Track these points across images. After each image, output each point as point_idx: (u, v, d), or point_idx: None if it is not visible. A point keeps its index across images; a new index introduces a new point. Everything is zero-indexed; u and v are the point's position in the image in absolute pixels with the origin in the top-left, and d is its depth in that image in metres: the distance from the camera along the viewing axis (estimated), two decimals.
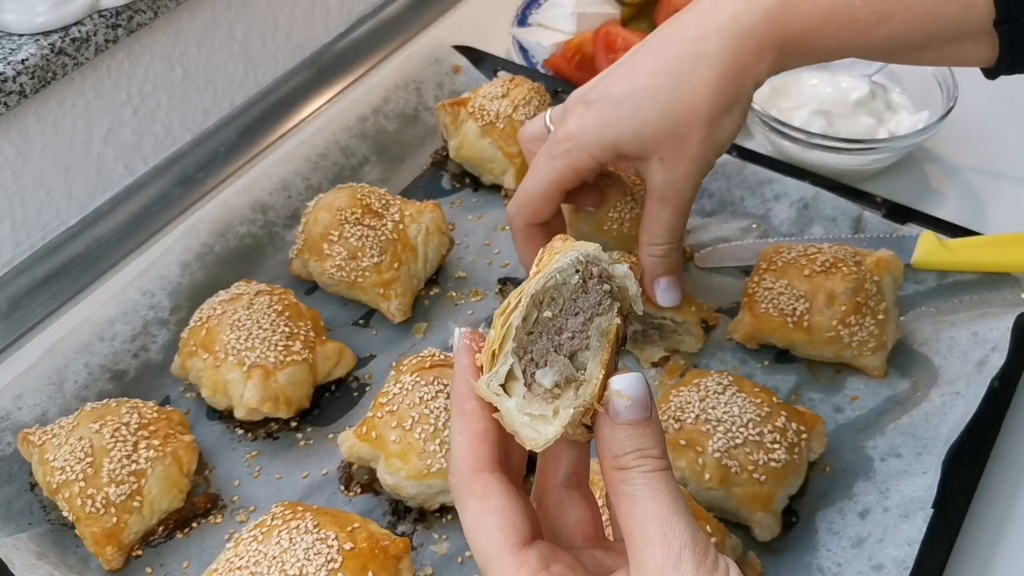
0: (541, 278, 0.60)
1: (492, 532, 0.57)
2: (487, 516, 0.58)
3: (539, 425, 0.57)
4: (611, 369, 0.59)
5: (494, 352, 0.59)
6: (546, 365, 0.59)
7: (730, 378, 0.97)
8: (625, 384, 0.57)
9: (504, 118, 1.24)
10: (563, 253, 0.61)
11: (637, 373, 0.58)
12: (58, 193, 1.25)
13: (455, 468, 0.59)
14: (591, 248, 0.61)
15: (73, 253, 1.22)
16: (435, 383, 0.95)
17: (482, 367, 0.60)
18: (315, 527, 0.84)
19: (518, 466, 0.63)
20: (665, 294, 0.97)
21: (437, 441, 0.92)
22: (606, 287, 0.60)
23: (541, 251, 0.63)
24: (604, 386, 0.58)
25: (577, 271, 0.60)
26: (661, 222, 0.93)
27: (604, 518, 0.67)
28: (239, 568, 0.82)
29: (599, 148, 0.91)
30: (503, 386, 0.59)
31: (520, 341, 0.59)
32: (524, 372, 0.59)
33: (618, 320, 0.60)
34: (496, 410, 0.59)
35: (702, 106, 0.86)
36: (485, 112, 1.24)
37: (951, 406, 1.00)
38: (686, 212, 0.93)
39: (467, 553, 0.93)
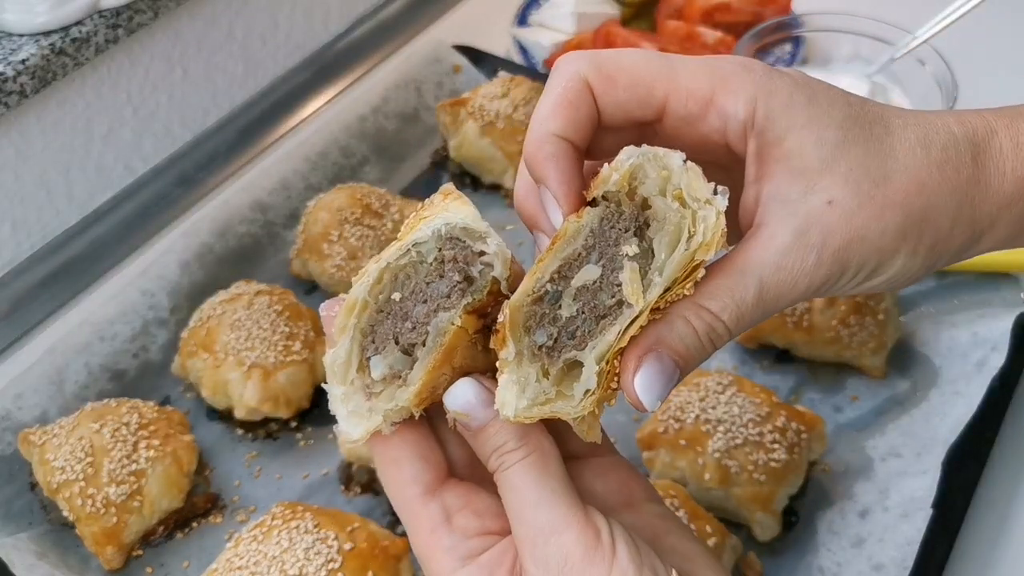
0: (396, 251, 0.54)
1: (394, 487, 0.57)
2: (387, 469, 0.57)
3: (356, 420, 0.55)
4: (457, 361, 0.54)
5: (343, 325, 0.54)
6: (381, 353, 0.55)
7: (730, 378, 0.97)
8: (451, 400, 0.55)
9: (504, 118, 1.24)
10: (428, 220, 0.53)
11: (462, 382, 0.54)
12: (58, 193, 1.24)
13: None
14: (460, 216, 0.53)
15: (73, 253, 1.22)
16: None
17: None
18: (315, 527, 0.84)
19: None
20: (645, 386, 0.54)
21: None
22: (457, 278, 0.53)
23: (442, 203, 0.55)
24: (445, 386, 0.54)
25: (439, 248, 0.53)
26: (747, 286, 0.56)
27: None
28: (239, 568, 0.82)
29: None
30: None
31: (368, 318, 0.55)
32: (362, 353, 0.55)
33: (458, 322, 0.53)
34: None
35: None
36: (485, 112, 1.24)
37: (951, 406, 1.00)
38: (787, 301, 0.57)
39: None
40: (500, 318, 0.53)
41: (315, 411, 1.05)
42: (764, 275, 0.54)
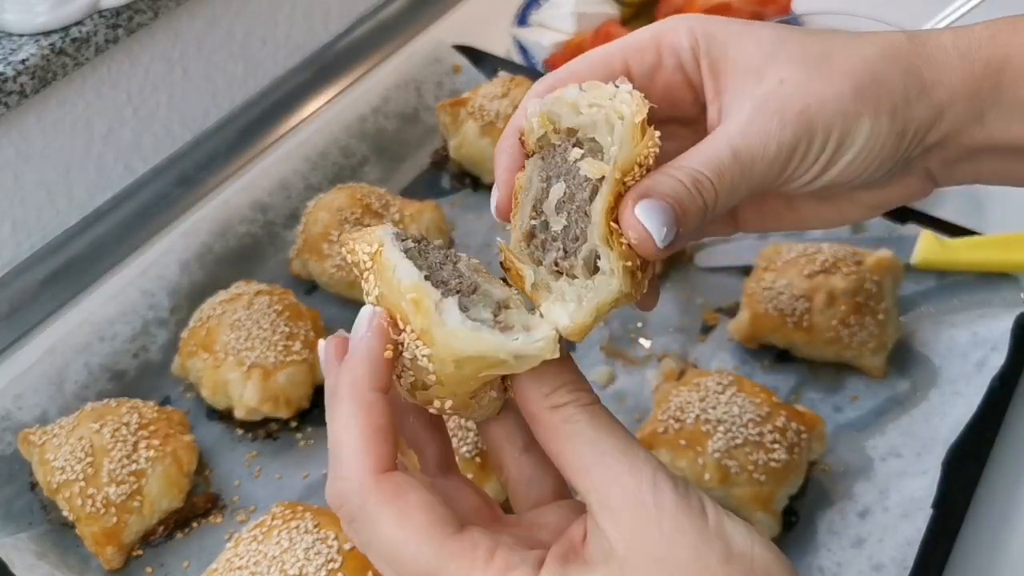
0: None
1: (426, 530, 0.49)
2: (413, 516, 0.49)
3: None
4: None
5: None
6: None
7: (730, 378, 0.97)
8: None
9: (504, 118, 1.24)
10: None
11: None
12: (58, 193, 1.24)
13: (346, 473, 0.51)
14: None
15: (73, 253, 1.22)
16: None
17: (393, 357, 0.53)
18: (315, 527, 0.84)
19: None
20: (646, 214, 0.54)
21: None
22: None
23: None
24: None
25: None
26: (719, 149, 0.58)
27: None
28: (239, 568, 0.82)
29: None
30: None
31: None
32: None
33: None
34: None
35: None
36: (485, 112, 1.24)
37: (951, 406, 1.00)
38: (770, 165, 0.59)
39: None
40: (501, 259, 0.56)
41: (315, 411, 1.05)
42: (734, 141, 0.57)
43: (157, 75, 1.31)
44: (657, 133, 0.54)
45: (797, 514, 0.95)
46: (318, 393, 1.05)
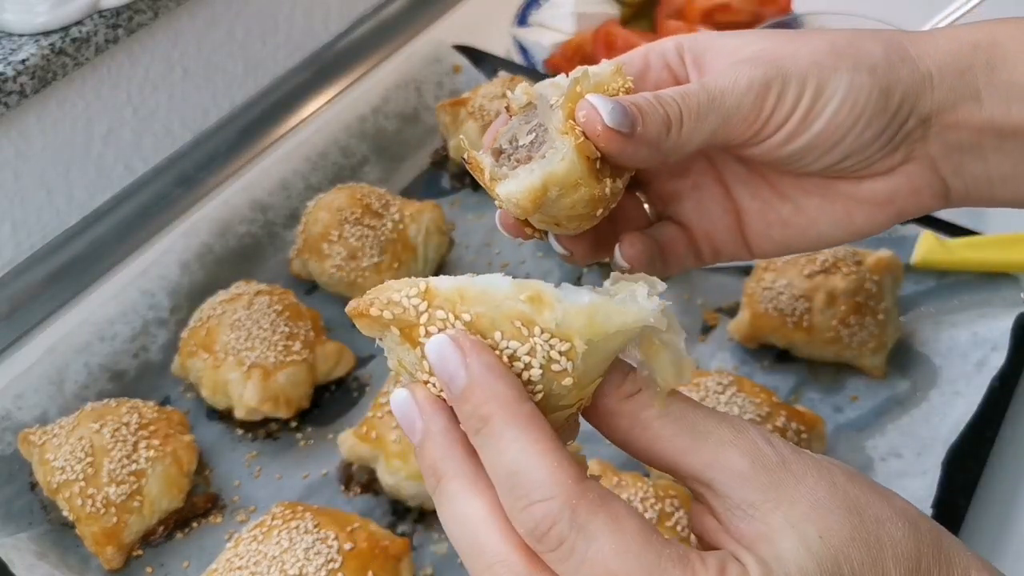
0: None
1: (644, 539, 0.44)
2: (625, 522, 0.45)
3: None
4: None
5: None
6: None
7: (730, 378, 0.97)
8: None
9: None
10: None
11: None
12: (58, 193, 1.24)
13: (545, 493, 0.44)
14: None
15: (73, 253, 1.22)
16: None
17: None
18: (315, 527, 0.84)
19: None
20: (602, 100, 0.56)
21: None
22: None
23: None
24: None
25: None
26: (684, 86, 0.60)
27: None
28: (239, 568, 0.82)
29: None
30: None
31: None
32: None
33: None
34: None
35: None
36: (485, 112, 1.24)
37: (951, 406, 1.00)
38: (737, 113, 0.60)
39: None
40: (463, 155, 0.59)
41: (315, 411, 1.05)
42: (704, 81, 0.59)
43: (157, 75, 1.31)
44: (631, 78, 0.58)
45: None
46: (318, 393, 1.05)
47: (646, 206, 0.70)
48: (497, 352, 0.47)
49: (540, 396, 0.48)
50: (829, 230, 0.66)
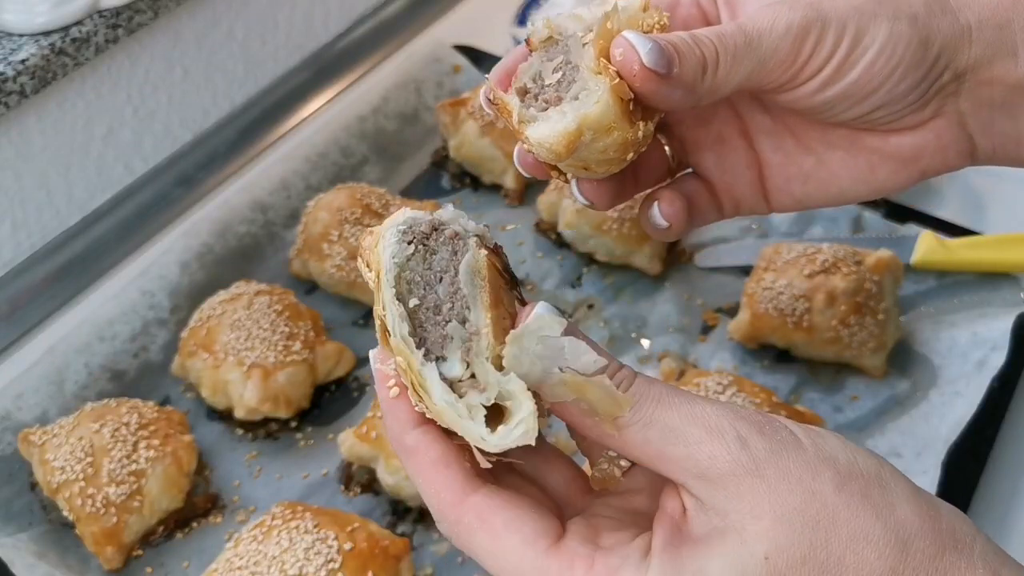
0: (385, 278, 0.50)
1: (520, 550, 0.47)
2: (503, 537, 0.47)
3: (508, 425, 0.48)
4: (506, 306, 0.50)
5: (413, 382, 0.48)
6: (446, 355, 0.49)
7: (730, 378, 0.97)
8: (539, 315, 0.48)
9: None
10: (382, 237, 0.51)
11: (539, 303, 0.49)
12: (58, 193, 1.24)
13: (437, 514, 0.49)
14: (403, 215, 0.51)
15: (73, 253, 1.22)
16: None
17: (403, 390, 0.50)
18: (315, 527, 0.84)
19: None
20: (639, 38, 0.54)
21: None
22: (448, 232, 0.51)
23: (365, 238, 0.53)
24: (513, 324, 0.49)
25: (409, 242, 0.50)
26: (720, 26, 0.58)
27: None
28: (239, 568, 0.82)
29: None
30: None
31: (416, 347, 0.50)
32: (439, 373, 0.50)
33: (484, 251, 0.51)
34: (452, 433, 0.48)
35: None
36: (485, 112, 1.23)
37: (951, 406, 1.00)
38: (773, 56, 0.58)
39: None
40: (488, 93, 0.57)
41: (315, 411, 1.05)
42: (741, 22, 0.56)
43: (157, 75, 1.31)
44: (666, 14, 0.55)
45: None
46: (318, 393, 1.05)
47: (667, 150, 0.68)
48: None
49: None
50: (850, 185, 0.65)
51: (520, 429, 0.46)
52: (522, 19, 1.52)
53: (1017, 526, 0.95)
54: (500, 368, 0.48)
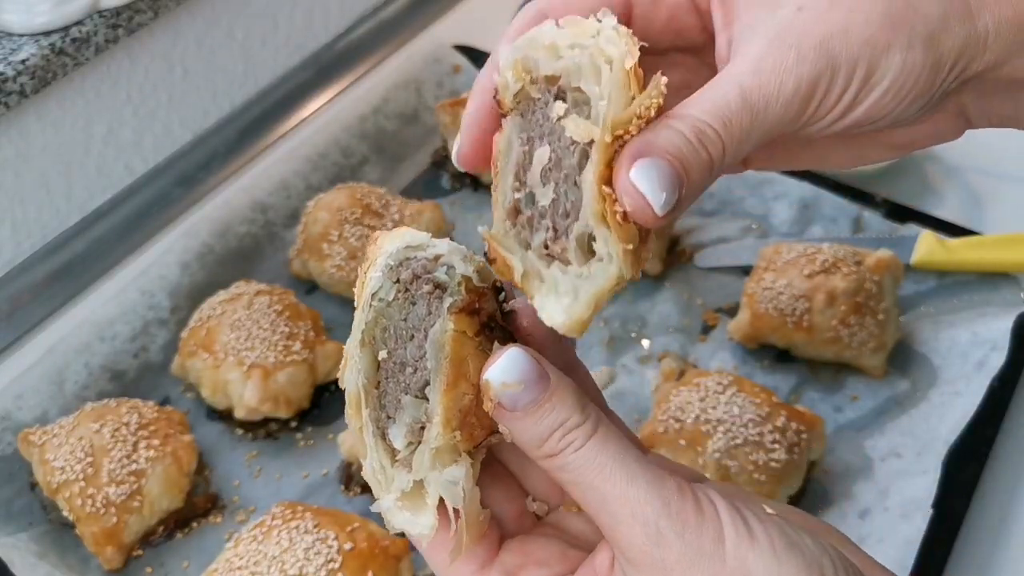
0: (360, 316, 0.49)
1: (445, 572, 0.50)
2: (434, 553, 0.50)
3: (411, 509, 0.49)
4: (469, 377, 0.48)
5: (356, 428, 0.49)
6: (394, 418, 0.49)
7: (730, 378, 0.97)
8: (502, 370, 0.47)
9: None
10: (372, 267, 0.49)
11: (510, 349, 0.48)
12: (58, 193, 1.24)
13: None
14: (396, 243, 0.49)
15: (73, 253, 1.22)
16: None
17: None
18: (315, 527, 0.84)
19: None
20: (642, 175, 0.47)
21: None
22: (427, 288, 0.49)
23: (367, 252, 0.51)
24: (477, 389, 0.48)
25: (395, 282, 0.49)
26: (726, 94, 0.51)
27: None
28: (239, 568, 0.82)
29: None
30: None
31: (373, 400, 0.49)
32: (384, 438, 0.49)
33: (451, 326, 0.48)
34: None
35: None
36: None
37: (951, 406, 1.00)
38: (785, 108, 0.52)
39: None
40: (485, 249, 0.49)
41: (315, 411, 1.05)
42: (743, 81, 0.50)
43: (157, 75, 1.31)
44: (664, 80, 0.47)
45: None
46: (318, 393, 1.05)
47: None
48: None
49: None
50: (836, 162, 0.64)
51: (418, 531, 0.48)
52: None
53: (1017, 526, 0.95)
54: (447, 453, 0.48)
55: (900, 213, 1.19)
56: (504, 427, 0.48)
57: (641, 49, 0.46)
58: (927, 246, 1.12)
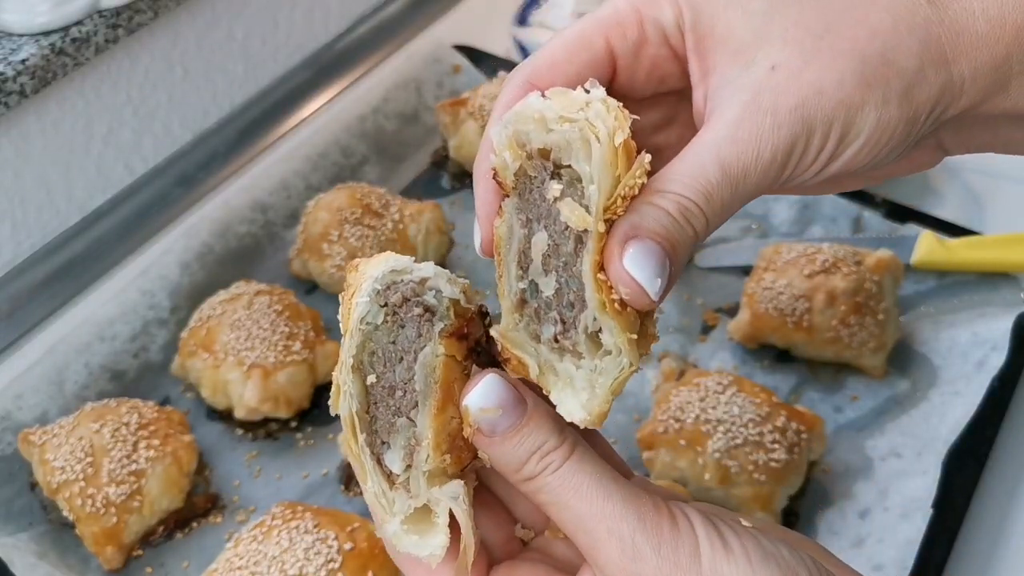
0: (348, 342, 0.49)
1: None
2: None
3: (415, 531, 0.50)
4: (457, 401, 0.49)
5: (354, 456, 0.50)
6: (389, 443, 0.49)
7: (730, 378, 0.97)
8: (480, 396, 0.48)
9: None
10: (358, 293, 0.49)
11: (488, 376, 0.49)
12: (58, 193, 1.24)
13: None
14: (381, 268, 0.49)
15: (73, 253, 1.22)
16: None
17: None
18: (315, 527, 0.84)
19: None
20: (635, 263, 0.48)
21: None
22: (417, 311, 0.49)
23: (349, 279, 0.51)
24: (458, 416, 0.49)
25: (382, 306, 0.49)
26: (705, 165, 0.51)
27: None
28: (239, 568, 0.82)
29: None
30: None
31: (366, 424, 0.50)
32: (380, 463, 0.50)
33: (441, 350, 0.49)
34: None
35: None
36: (485, 112, 1.24)
37: (951, 406, 1.00)
38: (762, 176, 0.52)
39: None
40: (498, 347, 0.50)
41: (315, 411, 1.05)
42: (721, 150, 0.50)
43: (157, 75, 1.31)
44: (647, 157, 0.47)
45: (797, 514, 0.95)
46: (318, 393, 1.05)
47: None
48: None
49: None
50: (814, 191, 0.63)
51: (428, 552, 0.49)
52: (522, 19, 1.52)
53: (1017, 526, 0.95)
54: (438, 476, 0.49)
55: (900, 213, 1.19)
56: (483, 452, 0.49)
57: (631, 116, 0.47)
58: (927, 246, 1.12)
